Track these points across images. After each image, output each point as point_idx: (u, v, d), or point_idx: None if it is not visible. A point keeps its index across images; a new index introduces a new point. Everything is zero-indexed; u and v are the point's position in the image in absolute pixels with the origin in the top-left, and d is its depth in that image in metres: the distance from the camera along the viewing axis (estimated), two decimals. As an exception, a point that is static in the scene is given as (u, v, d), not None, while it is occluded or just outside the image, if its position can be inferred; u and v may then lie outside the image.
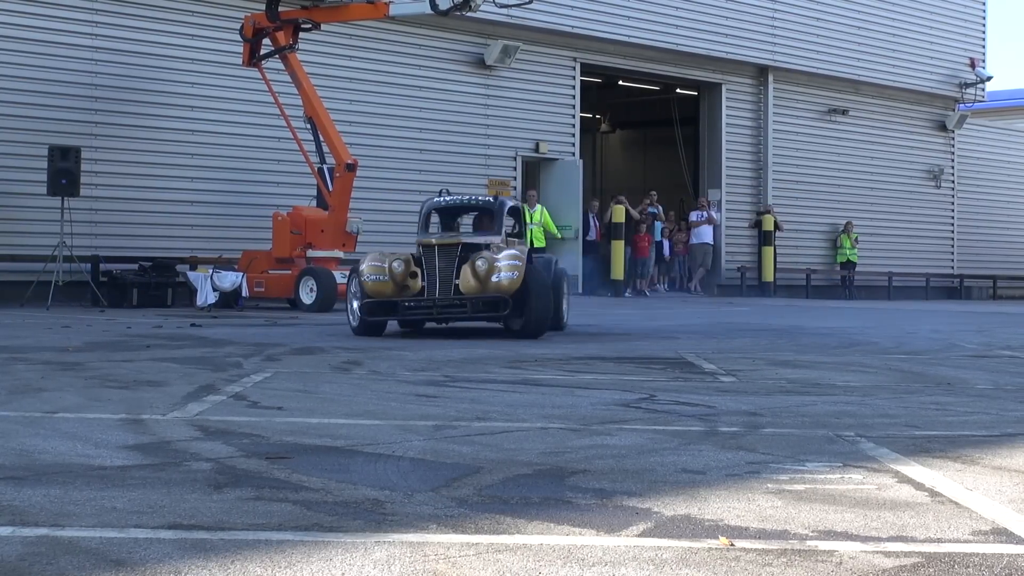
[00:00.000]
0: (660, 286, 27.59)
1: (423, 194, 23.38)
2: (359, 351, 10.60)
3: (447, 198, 13.79)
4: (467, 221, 15.09)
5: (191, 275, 18.94)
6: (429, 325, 13.41)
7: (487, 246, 12.76)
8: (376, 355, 10.18)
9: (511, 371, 8.95)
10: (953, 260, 33.58)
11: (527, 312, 12.37)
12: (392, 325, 13.31)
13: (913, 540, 3.71)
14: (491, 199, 14.61)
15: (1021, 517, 4.03)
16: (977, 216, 34.06)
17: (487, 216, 13.86)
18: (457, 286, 12.34)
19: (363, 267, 12.60)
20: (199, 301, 18.43)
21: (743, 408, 6.82)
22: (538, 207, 24.31)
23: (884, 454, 5.24)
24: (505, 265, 12.25)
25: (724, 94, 28.51)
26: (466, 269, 12.26)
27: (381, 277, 12.41)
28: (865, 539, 3.71)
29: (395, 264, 12.42)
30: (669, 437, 5.68)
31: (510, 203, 14.17)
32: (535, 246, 22.06)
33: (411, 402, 6.98)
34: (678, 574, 3.32)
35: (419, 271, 12.54)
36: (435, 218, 13.99)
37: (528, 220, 24.25)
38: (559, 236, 24.26)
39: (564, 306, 13.57)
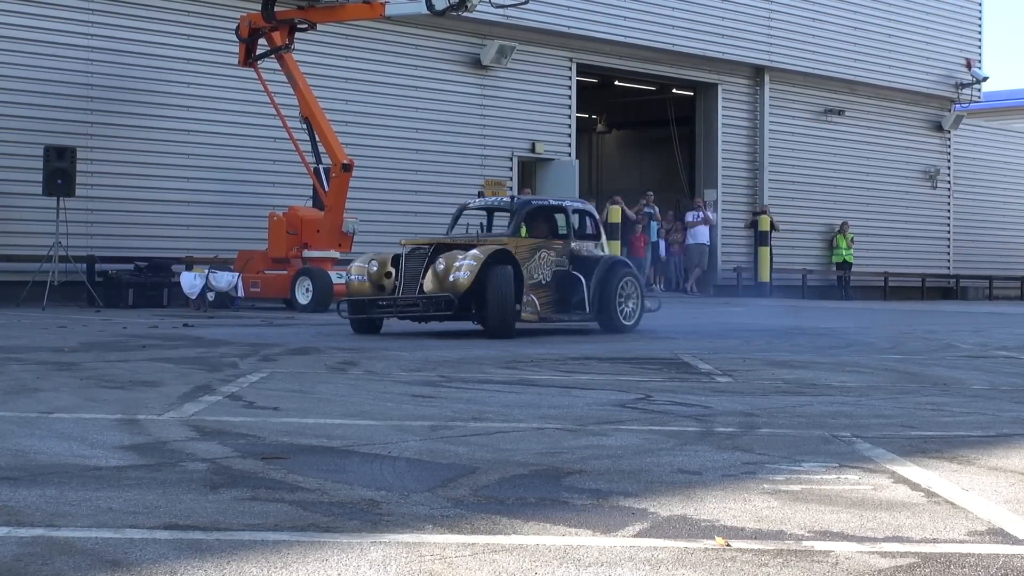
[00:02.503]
0: (656, 286, 27.61)
1: (419, 194, 23.46)
2: (355, 351, 10.60)
3: (477, 200, 14.93)
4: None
5: (186, 275, 18.93)
6: (426, 326, 13.60)
7: (467, 246, 12.86)
8: (372, 355, 10.18)
9: (507, 371, 8.95)
10: (949, 260, 33.61)
11: (486, 311, 12.58)
12: (399, 326, 13.85)
13: (909, 540, 3.71)
14: (507, 199, 15.06)
15: (1017, 517, 4.03)
16: (973, 216, 34.10)
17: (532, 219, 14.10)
18: (422, 285, 12.74)
19: (350, 267, 13.52)
20: (193, 299, 18.39)
21: (739, 408, 6.82)
22: None
23: (880, 454, 5.24)
24: (460, 265, 12.50)
25: (720, 94, 28.52)
26: (430, 270, 12.70)
27: (361, 277, 13.20)
28: (861, 539, 3.71)
29: (372, 265, 13.19)
30: (665, 437, 5.68)
31: (536, 202, 14.40)
32: None
33: (407, 402, 6.98)
34: (674, 574, 3.32)
35: (393, 271, 13.14)
36: (469, 220, 14.50)
37: None
38: None
39: (621, 305, 13.63)
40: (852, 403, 7.19)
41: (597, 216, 14.86)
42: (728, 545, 3.62)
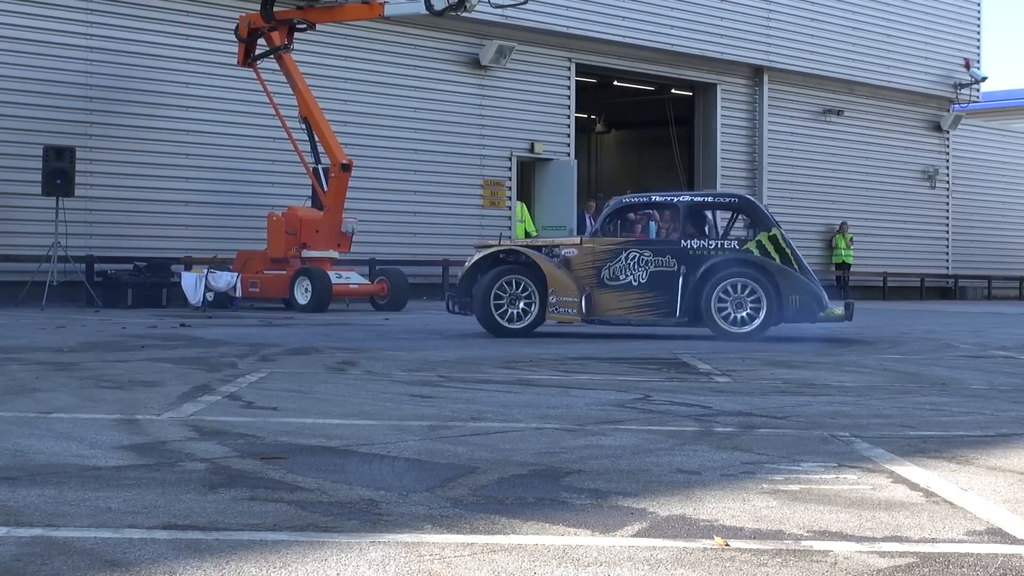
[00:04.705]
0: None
1: (418, 194, 23.47)
2: (354, 351, 10.60)
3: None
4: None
5: (185, 276, 18.93)
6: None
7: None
8: (371, 355, 10.18)
9: (506, 371, 8.95)
10: (948, 260, 33.62)
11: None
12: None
13: (908, 540, 3.71)
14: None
15: (1015, 517, 4.03)
16: (972, 216, 34.11)
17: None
18: None
19: None
20: (192, 300, 18.40)
21: (738, 408, 6.82)
22: (520, 204, 24.64)
23: (879, 454, 5.24)
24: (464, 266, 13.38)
25: (719, 94, 28.53)
26: None
27: None
28: (860, 539, 3.72)
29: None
30: (664, 437, 5.68)
31: (628, 200, 14.02)
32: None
33: (406, 402, 6.98)
34: (673, 574, 3.32)
35: None
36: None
37: (519, 216, 24.44)
38: (535, 233, 24.30)
39: (725, 308, 12.74)
40: (851, 403, 7.19)
41: (757, 210, 13.63)
42: (727, 545, 3.62)
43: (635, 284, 12.99)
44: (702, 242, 13.03)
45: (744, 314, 12.74)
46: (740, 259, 12.94)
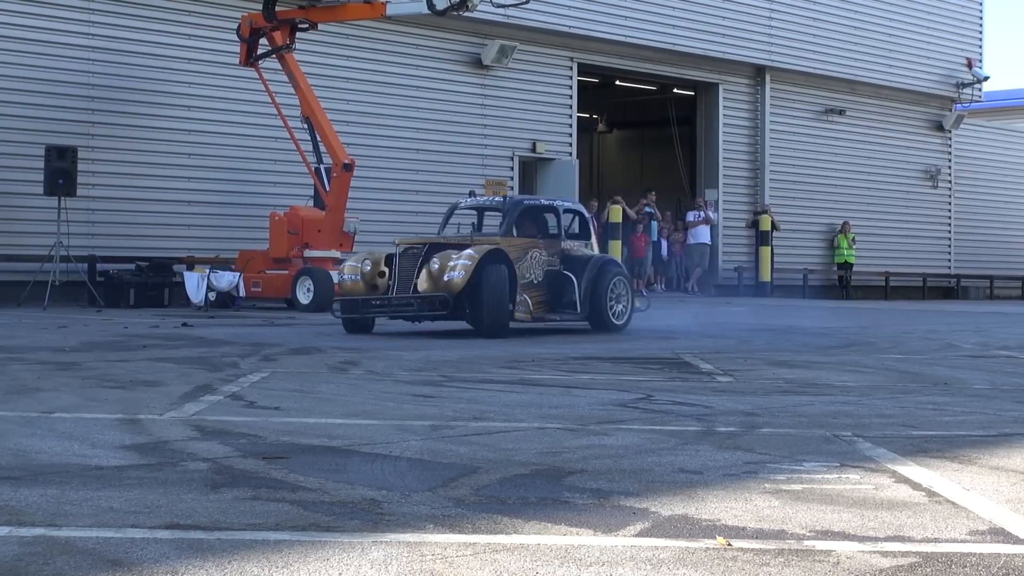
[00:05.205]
0: (657, 286, 27.59)
1: (420, 194, 23.46)
2: (356, 351, 10.60)
3: (468, 200, 14.72)
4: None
5: (188, 276, 18.93)
6: (417, 326, 13.70)
7: (461, 246, 12.94)
8: (373, 355, 10.18)
9: (508, 371, 8.95)
10: (950, 260, 33.59)
11: (479, 310, 12.57)
12: (391, 326, 13.71)
13: (910, 540, 3.71)
14: (499, 199, 14.99)
15: (1018, 517, 4.03)
16: (974, 216, 34.08)
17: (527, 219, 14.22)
18: (416, 285, 12.77)
19: (343, 267, 13.66)
20: (194, 300, 18.39)
21: (740, 408, 6.82)
22: None
23: (881, 454, 5.24)
24: (455, 265, 12.56)
25: (721, 94, 28.51)
26: (424, 269, 12.73)
27: (354, 277, 13.24)
28: (862, 539, 3.71)
29: (365, 264, 13.28)
30: (666, 437, 5.68)
31: (528, 202, 14.54)
32: None
33: (408, 402, 6.98)
34: (675, 574, 3.32)
35: (387, 271, 13.14)
36: (460, 219, 14.57)
37: None
38: None
39: (611, 305, 13.77)
40: (853, 403, 7.19)
41: (588, 216, 14.87)
42: (729, 545, 3.62)
43: (535, 283, 13.39)
44: (573, 243, 14.00)
45: (620, 308, 13.88)
46: (614, 260, 14.47)
